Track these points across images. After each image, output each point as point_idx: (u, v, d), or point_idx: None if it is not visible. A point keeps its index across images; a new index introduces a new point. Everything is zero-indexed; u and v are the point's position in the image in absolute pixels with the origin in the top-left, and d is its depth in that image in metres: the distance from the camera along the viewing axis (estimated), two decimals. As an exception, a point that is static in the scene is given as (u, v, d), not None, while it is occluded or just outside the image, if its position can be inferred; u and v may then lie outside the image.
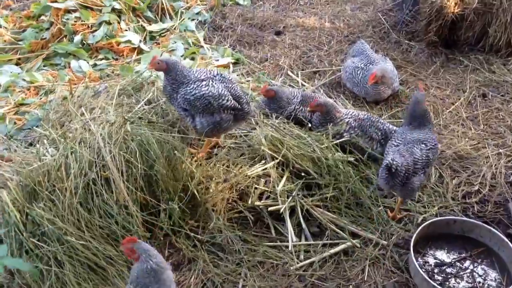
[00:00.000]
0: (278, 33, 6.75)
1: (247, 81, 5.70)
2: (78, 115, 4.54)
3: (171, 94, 4.17)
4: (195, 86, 4.07)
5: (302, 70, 5.93)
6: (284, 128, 4.45)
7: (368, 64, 5.34)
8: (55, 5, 6.57)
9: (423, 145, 3.93)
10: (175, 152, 3.98)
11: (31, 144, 4.71)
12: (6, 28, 7.15)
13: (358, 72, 5.32)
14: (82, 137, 4.13)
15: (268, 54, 6.22)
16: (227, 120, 4.18)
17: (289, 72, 5.85)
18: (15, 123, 5.10)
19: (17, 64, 6.29)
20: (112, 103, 4.67)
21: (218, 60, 6.19)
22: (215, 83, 4.13)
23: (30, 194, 3.85)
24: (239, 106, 4.20)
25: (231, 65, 6.05)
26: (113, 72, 5.86)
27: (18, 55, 6.37)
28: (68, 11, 6.58)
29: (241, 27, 6.87)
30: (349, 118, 4.52)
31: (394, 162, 3.76)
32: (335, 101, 5.28)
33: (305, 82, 5.68)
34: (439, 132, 4.97)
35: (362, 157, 4.41)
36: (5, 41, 6.65)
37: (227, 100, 4.11)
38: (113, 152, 3.85)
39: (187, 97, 4.06)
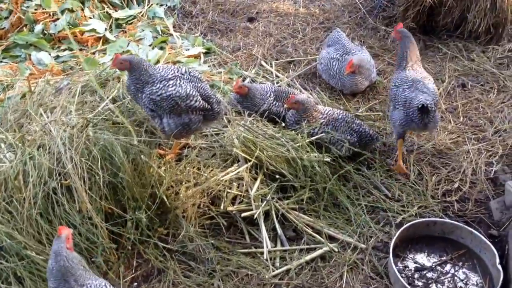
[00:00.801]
0: (251, 20, 6.49)
1: (218, 72, 5.46)
2: (37, 117, 4.27)
3: (135, 94, 3.93)
4: (161, 85, 3.84)
5: (276, 60, 5.71)
6: (257, 127, 4.25)
7: (344, 55, 5.14)
8: (13, -9, 6.20)
9: (428, 80, 4.26)
10: (142, 156, 3.77)
11: (-12, 146, 4.44)
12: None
13: (334, 64, 5.11)
14: (42, 141, 3.89)
15: (240, 43, 5.97)
16: (196, 121, 3.97)
17: (263, 63, 5.62)
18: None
19: (-28, 55, 5.94)
20: (74, 101, 4.41)
21: (188, 50, 5.93)
22: (183, 83, 3.90)
23: (-14, 205, 3.62)
24: (209, 107, 3.98)
25: (202, 55, 5.79)
26: (77, 64, 5.56)
27: (-26, 46, 6.01)
28: (28, -2, 6.22)
29: (212, 13, 6.60)
30: (323, 119, 4.32)
31: (428, 102, 3.96)
32: (311, 93, 5.10)
33: (279, 73, 5.47)
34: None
35: (340, 153, 4.25)
36: (-40, 30, 6.26)
37: (196, 101, 3.89)
38: (75, 159, 3.62)
39: (152, 97, 3.83)
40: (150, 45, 6.00)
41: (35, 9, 6.13)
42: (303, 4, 6.76)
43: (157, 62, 5.54)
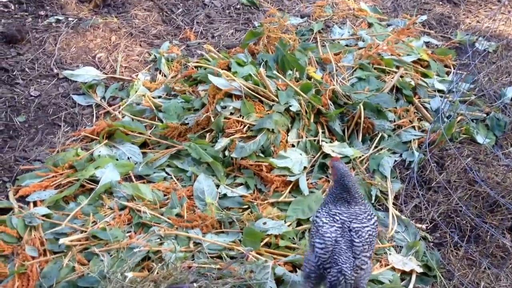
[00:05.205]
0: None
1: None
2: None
3: None
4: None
5: None
6: None
7: None
8: (216, 81, 5.07)
9: None
10: None
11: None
12: (165, 76, 5.98)
13: None
14: None
15: (482, 279, 3.95)
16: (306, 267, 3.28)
17: None
18: (73, 268, 3.78)
19: (143, 145, 5.01)
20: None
21: (399, 253, 4.12)
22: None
23: None
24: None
25: (413, 277, 3.94)
26: (242, 222, 4.19)
27: (149, 133, 5.08)
28: (229, 95, 5.04)
29: (459, 192, 4.64)
30: None
31: None
32: None
33: None
34: None
35: None
36: (146, 104, 5.43)
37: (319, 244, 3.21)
38: None
39: None
40: (350, 218, 4.36)
41: (231, 113, 4.94)
42: None
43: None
